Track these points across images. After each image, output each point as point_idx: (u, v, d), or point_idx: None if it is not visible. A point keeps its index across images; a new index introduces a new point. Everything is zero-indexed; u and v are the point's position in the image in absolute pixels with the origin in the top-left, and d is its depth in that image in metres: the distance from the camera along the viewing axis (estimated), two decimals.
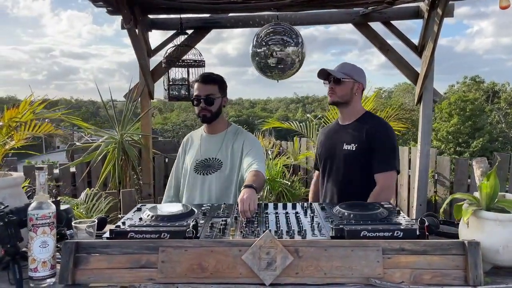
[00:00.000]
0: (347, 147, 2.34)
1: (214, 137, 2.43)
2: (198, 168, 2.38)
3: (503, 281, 1.36)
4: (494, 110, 24.66)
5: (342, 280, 1.35)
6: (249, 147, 2.34)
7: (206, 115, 2.34)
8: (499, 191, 1.49)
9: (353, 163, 2.33)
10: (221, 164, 2.35)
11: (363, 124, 2.36)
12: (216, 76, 2.39)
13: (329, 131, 2.55)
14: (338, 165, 2.38)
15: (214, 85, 2.33)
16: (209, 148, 2.41)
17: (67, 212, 1.87)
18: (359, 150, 2.30)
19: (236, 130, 2.46)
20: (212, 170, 2.35)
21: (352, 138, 2.34)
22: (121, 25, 3.73)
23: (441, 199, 4.32)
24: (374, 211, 1.73)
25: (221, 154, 2.37)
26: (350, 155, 2.33)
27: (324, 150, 2.50)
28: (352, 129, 2.38)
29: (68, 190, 4.34)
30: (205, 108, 2.32)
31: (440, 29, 3.34)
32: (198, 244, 1.39)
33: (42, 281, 1.37)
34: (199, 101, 2.32)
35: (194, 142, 2.49)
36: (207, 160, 2.39)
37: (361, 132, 2.33)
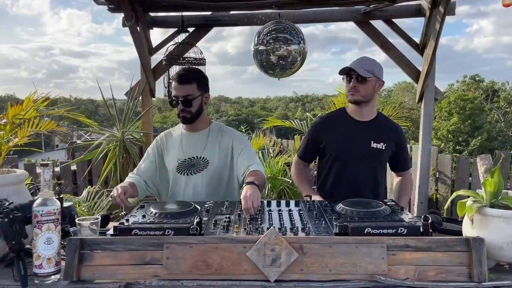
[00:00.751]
0: (375, 145, 2.33)
1: (197, 135, 2.31)
2: (181, 168, 2.27)
3: (507, 277, 1.37)
4: (493, 109, 24.68)
5: (346, 277, 1.35)
6: (239, 146, 2.26)
7: (186, 117, 2.22)
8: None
9: (380, 161, 2.39)
10: (207, 162, 2.25)
11: (384, 123, 2.42)
12: (194, 74, 2.26)
13: (343, 125, 2.39)
14: (362, 162, 2.33)
15: (192, 84, 2.19)
16: (192, 146, 2.29)
17: (70, 209, 1.87)
18: (387, 149, 2.35)
19: (219, 127, 2.36)
20: (197, 169, 2.25)
21: (380, 137, 2.34)
22: (122, 23, 3.72)
23: (442, 197, 4.33)
24: (377, 208, 1.73)
25: (206, 152, 2.27)
26: (378, 153, 2.34)
27: (340, 144, 2.35)
28: (376, 128, 2.36)
29: (69, 188, 4.34)
30: (184, 110, 2.20)
31: (442, 27, 3.34)
32: (202, 241, 1.40)
33: (47, 278, 1.37)
34: (177, 103, 2.20)
35: (173, 141, 2.35)
36: (191, 160, 2.27)
37: (386, 131, 2.37)
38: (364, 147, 2.33)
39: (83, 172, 4.60)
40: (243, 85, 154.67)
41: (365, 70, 2.25)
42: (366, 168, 2.35)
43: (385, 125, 2.41)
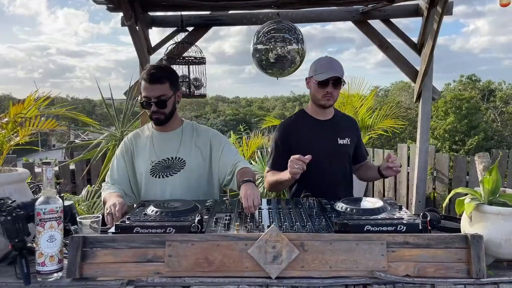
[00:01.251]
0: (342, 141, 2.41)
1: (169, 134, 2.19)
2: (156, 170, 2.15)
3: (505, 273, 1.39)
4: (489, 109, 24.79)
5: (347, 273, 1.37)
6: (219, 145, 2.19)
7: (160, 118, 2.09)
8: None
9: (347, 156, 2.46)
10: (184, 163, 2.15)
11: (343, 119, 2.53)
12: (165, 72, 2.10)
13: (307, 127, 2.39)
14: (333, 159, 2.37)
15: (165, 84, 2.05)
16: (166, 147, 2.17)
17: (71, 208, 1.88)
18: (351, 143, 2.45)
19: (192, 126, 2.26)
20: (173, 170, 2.15)
21: (344, 133, 2.43)
22: (121, 22, 3.73)
23: (439, 195, 4.36)
24: (376, 206, 1.75)
25: (182, 152, 2.16)
26: (345, 149, 2.43)
27: (310, 145, 2.32)
28: (338, 124, 2.44)
29: (68, 188, 4.34)
30: (157, 111, 2.07)
31: (440, 27, 3.36)
32: (204, 238, 1.41)
33: (49, 275, 1.37)
34: (149, 104, 2.05)
35: (143, 142, 2.21)
36: (166, 161, 2.16)
37: (347, 126, 2.48)
38: (332, 145, 2.38)
39: (82, 171, 4.61)
40: (241, 84, 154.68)
41: (341, 74, 2.28)
42: (338, 165, 2.41)
43: (344, 120, 2.51)
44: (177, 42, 3.66)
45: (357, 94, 5.08)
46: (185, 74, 3.64)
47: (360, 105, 5.05)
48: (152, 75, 2.03)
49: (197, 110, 45.60)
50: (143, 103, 2.08)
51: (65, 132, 5.42)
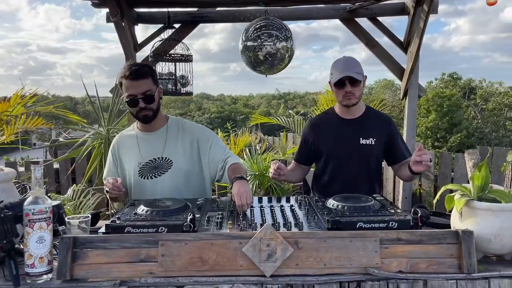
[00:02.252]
0: (365, 141, 2.33)
1: (154, 134, 2.16)
2: (144, 172, 2.13)
3: (495, 268, 1.41)
4: (470, 106, 25.29)
5: (341, 270, 1.37)
6: (206, 140, 2.16)
7: (148, 115, 2.06)
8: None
9: (372, 157, 2.36)
10: (171, 162, 2.13)
11: (373, 118, 2.40)
12: (147, 68, 2.07)
13: (332, 125, 2.41)
14: (354, 159, 2.34)
15: (148, 79, 2.02)
16: (151, 148, 2.15)
17: (58, 208, 1.84)
18: (377, 143, 2.34)
19: (177, 123, 2.22)
20: (161, 171, 2.12)
21: (369, 133, 2.34)
22: (107, 18, 3.67)
23: (425, 192, 4.42)
24: (367, 203, 1.76)
25: (167, 152, 2.13)
26: (368, 149, 2.34)
27: (331, 144, 2.38)
28: (365, 123, 2.37)
29: (52, 187, 4.26)
30: (145, 108, 2.03)
31: (426, 25, 3.40)
32: (198, 237, 1.39)
33: (39, 277, 1.34)
34: (136, 101, 2.00)
35: (129, 144, 2.18)
36: (152, 162, 2.13)
37: (375, 126, 2.36)
38: (353, 144, 2.34)
39: (66, 170, 4.52)
40: (226, 82, 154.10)
41: (357, 72, 2.25)
42: (358, 165, 2.35)
43: (374, 120, 2.40)
44: (163, 39, 3.62)
45: None
46: (171, 72, 3.60)
47: None
48: (137, 71, 1.99)
49: (181, 108, 45.28)
50: (128, 101, 2.03)
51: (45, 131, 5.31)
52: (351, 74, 2.23)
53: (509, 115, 24.06)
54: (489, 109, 24.93)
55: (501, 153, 3.81)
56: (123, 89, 2.04)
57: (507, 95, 25.52)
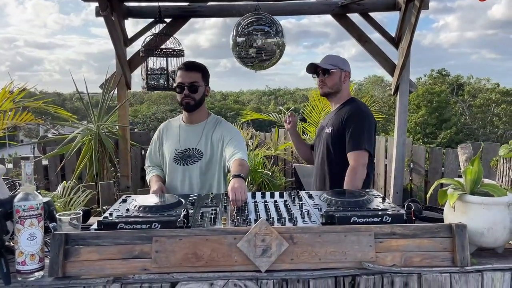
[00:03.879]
0: (327, 130, 2.51)
1: (194, 127, 2.40)
2: (178, 158, 2.36)
3: (488, 261, 1.43)
4: (458, 102, 25.57)
5: (336, 265, 1.37)
6: (229, 136, 2.34)
7: (190, 103, 2.30)
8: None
9: (330, 146, 2.47)
10: (202, 154, 2.34)
11: (343, 108, 2.52)
12: (200, 65, 2.38)
13: (325, 116, 2.68)
14: (321, 148, 2.54)
15: (197, 73, 2.31)
16: (189, 138, 2.38)
17: (49, 204, 1.80)
18: (335, 132, 2.45)
19: (215, 120, 2.44)
20: (192, 160, 2.34)
21: (331, 122, 2.50)
22: (96, 13, 3.62)
23: (416, 186, 4.46)
24: (361, 197, 1.76)
25: (201, 144, 2.35)
26: (328, 138, 2.48)
27: (316, 136, 2.66)
28: (334, 114, 2.54)
29: (41, 184, 4.20)
30: (189, 96, 2.29)
31: (417, 21, 3.42)
32: (192, 233, 1.38)
33: (30, 275, 1.32)
34: (182, 88, 2.28)
35: (173, 131, 2.44)
36: (187, 151, 2.36)
37: (339, 116, 2.49)
38: (322, 134, 2.57)
39: (55, 167, 4.47)
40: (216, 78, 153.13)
41: (328, 63, 2.49)
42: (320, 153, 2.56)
43: (341, 110, 2.51)
44: (154, 34, 3.57)
45: None
46: (163, 67, 3.56)
47: None
48: (189, 63, 2.36)
49: (171, 104, 44.93)
50: (176, 87, 2.30)
51: (33, 127, 5.22)
52: (318, 63, 2.49)
53: (496, 111, 24.39)
54: (477, 105, 25.24)
55: (490, 148, 3.85)
56: (177, 78, 2.33)
57: (494, 91, 25.86)
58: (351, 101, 2.55)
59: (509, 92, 25.54)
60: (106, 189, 3.36)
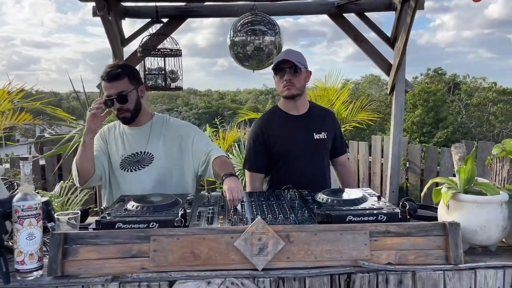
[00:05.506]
0: (318, 136, 2.36)
1: (139, 129, 2.21)
2: (125, 165, 2.17)
3: (481, 259, 1.45)
4: (454, 101, 25.66)
5: (332, 263, 1.39)
6: (189, 135, 2.20)
7: (126, 116, 2.10)
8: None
9: (324, 151, 2.42)
10: (152, 157, 2.17)
11: (319, 112, 2.47)
12: (123, 69, 2.10)
13: (283, 123, 2.37)
14: (307, 154, 2.34)
15: (122, 80, 2.06)
16: (135, 142, 2.19)
17: (47, 204, 1.82)
18: (328, 137, 2.41)
19: (162, 119, 2.26)
20: (142, 165, 2.16)
21: (321, 127, 2.39)
22: (93, 13, 3.62)
23: (412, 185, 4.49)
24: (356, 196, 1.78)
25: (150, 147, 2.18)
26: (322, 144, 2.39)
27: (287, 142, 2.34)
28: (314, 118, 2.40)
29: (38, 184, 4.20)
30: (122, 109, 2.08)
31: (413, 21, 3.44)
32: (190, 232, 1.40)
33: (29, 274, 1.33)
34: (112, 102, 2.05)
35: (115, 136, 2.23)
36: (134, 156, 2.17)
37: (324, 120, 2.43)
38: (308, 140, 2.34)
39: (52, 167, 4.47)
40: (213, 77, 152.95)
41: (297, 61, 2.22)
42: (314, 161, 2.36)
43: (321, 114, 2.46)
44: (151, 34, 3.58)
45: (333, 87, 5.17)
46: (161, 67, 3.56)
47: (336, 98, 5.14)
48: (109, 73, 2.05)
49: (168, 103, 44.89)
50: (104, 102, 2.05)
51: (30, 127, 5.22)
52: (289, 58, 2.20)
53: (493, 110, 24.50)
54: (473, 104, 25.34)
55: (485, 147, 3.89)
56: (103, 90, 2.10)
57: (490, 90, 25.97)
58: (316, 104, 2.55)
59: (506, 91, 25.66)
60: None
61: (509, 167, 1.58)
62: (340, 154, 2.54)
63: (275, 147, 2.36)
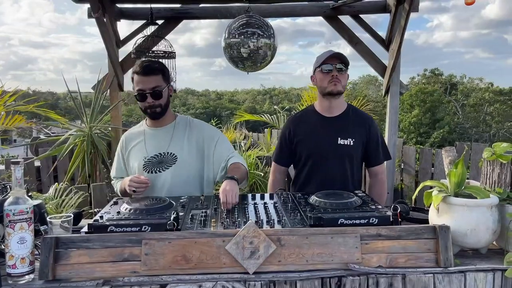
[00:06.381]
0: (343, 141, 2.29)
1: (161, 130, 2.21)
2: (148, 166, 2.16)
3: (471, 262, 1.46)
4: (451, 102, 25.75)
5: (323, 266, 1.40)
6: (212, 138, 2.20)
7: (156, 111, 2.10)
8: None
9: (349, 158, 2.31)
10: (175, 157, 2.16)
11: (354, 117, 2.35)
12: (159, 65, 2.14)
13: (312, 123, 2.37)
14: (331, 159, 2.30)
15: (158, 75, 2.07)
16: (157, 143, 2.19)
17: (40, 207, 1.82)
18: (356, 144, 2.30)
19: (185, 120, 2.26)
20: (165, 166, 2.15)
21: (348, 133, 2.30)
22: (88, 14, 3.62)
23: (407, 187, 4.50)
24: (349, 199, 1.79)
25: (173, 147, 2.17)
26: (346, 150, 2.30)
27: (310, 143, 2.34)
28: (345, 123, 2.33)
29: (33, 186, 4.19)
30: (154, 104, 2.08)
31: (407, 23, 3.46)
32: (181, 236, 1.40)
33: (21, 278, 1.34)
34: (144, 96, 2.05)
35: (136, 140, 2.23)
36: (157, 156, 2.17)
37: (355, 125, 2.32)
38: (331, 144, 2.30)
39: (48, 168, 4.46)
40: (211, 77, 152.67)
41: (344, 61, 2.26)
42: (335, 165, 2.31)
43: (355, 119, 2.35)
44: (146, 36, 3.58)
45: None
46: None
47: None
48: (147, 67, 2.06)
49: None
50: (137, 96, 2.08)
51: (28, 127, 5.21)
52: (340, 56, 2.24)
53: (489, 110, 24.60)
54: (470, 104, 25.43)
55: (479, 148, 3.91)
56: (134, 84, 2.10)
57: (487, 90, 26.07)
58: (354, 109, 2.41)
59: (502, 91, 25.78)
60: (99, 191, 3.36)
61: (499, 171, 1.59)
62: (373, 164, 2.40)
63: (299, 147, 2.39)
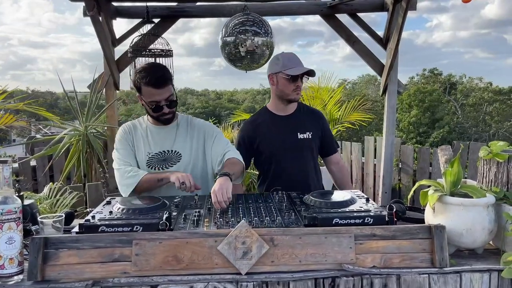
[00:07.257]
0: (302, 136, 2.42)
1: (165, 128, 2.22)
2: (152, 162, 2.17)
3: (467, 262, 1.44)
4: (451, 101, 25.75)
5: (316, 267, 1.38)
6: (211, 136, 2.24)
7: (170, 118, 2.17)
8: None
9: (309, 150, 2.45)
10: (180, 156, 2.19)
11: (306, 112, 2.51)
12: (167, 73, 2.12)
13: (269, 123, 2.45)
14: (294, 154, 2.41)
15: (169, 85, 2.09)
16: (161, 140, 2.20)
17: (31, 207, 1.81)
18: (314, 136, 2.45)
19: (186, 119, 2.30)
20: (169, 163, 2.17)
21: (305, 127, 2.44)
22: (83, 12, 3.60)
23: (405, 186, 4.49)
24: (344, 199, 1.77)
25: (177, 146, 2.20)
26: (307, 143, 2.43)
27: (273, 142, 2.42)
28: (300, 119, 2.46)
29: (29, 185, 4.17)
30: (169, 112, 2.13)
31: (404, 21, 3.44)
32: (172, 236, 1.38)
33: (9, 279, 1.31)
34: (161, 108, 2.09)
35: (139, 134, 2.23)
36: (161, 154, 2.18)
37: (310, 120, 2.48)
38: (291, 140, 2.41)
39: (43, 168, 4.43)
40: (210, 77, 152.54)
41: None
42: (301, 160, 2.42)
43: (307, 114, 2.51)
44: (142, 34, 3.55)
45: (326, 87, 5.16)
46: None
47: (329, 98, 5.13)
48: (159, 79, 2.04)
49: None
50: (153, 108, 2.09)
51: (26, 127, 5.19)
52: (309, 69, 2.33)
53: (489, 110, 24.59)
54: (469, 104, 25.43)
55: (477, 148, 3.89)
56: (145, 94, 2.08)
57: (486, 90, 26.07)
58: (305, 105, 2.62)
59: (502, 91, 25.78)
60: (94, 190, 3.34)
61: (496, 170, 1.57)
62: (331, 153, 2.58)
63: (261, 148, 2.45)
